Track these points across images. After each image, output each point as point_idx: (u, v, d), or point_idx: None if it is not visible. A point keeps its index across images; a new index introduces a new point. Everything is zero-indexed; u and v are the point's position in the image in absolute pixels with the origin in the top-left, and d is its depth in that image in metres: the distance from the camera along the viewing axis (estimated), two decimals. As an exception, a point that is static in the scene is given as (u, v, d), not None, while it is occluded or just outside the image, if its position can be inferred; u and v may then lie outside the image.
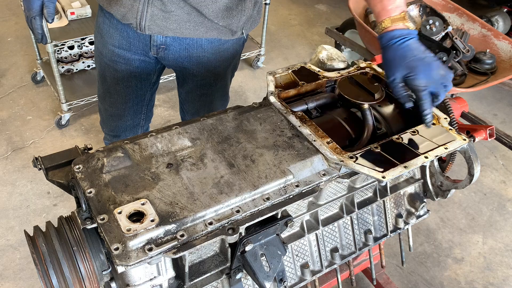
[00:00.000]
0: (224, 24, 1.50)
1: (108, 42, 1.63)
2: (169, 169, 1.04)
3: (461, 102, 1.54)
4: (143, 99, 1.82)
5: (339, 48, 3.22)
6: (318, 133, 1.15)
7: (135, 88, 1.75)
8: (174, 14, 1.45)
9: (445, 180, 1.36)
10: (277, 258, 1.07)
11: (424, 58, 1.18)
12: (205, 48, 1.59)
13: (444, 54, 2.45)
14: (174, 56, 1.61)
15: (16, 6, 4.16)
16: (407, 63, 1.18)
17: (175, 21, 1.46)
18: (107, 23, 1.60)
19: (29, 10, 1.41)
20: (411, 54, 1.18)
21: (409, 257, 2.41)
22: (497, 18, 3.33)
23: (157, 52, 1.59)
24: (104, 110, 1.87)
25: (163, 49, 1.58)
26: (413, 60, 1.17)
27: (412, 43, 1.20)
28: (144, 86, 1.77)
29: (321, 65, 1.40)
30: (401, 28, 1.21)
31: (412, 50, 1.19)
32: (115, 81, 1.72)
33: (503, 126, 3.37)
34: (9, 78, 3.39)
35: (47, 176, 1.05)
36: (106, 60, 1.67)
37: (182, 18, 1.46)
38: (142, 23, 1.47)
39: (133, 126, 1.88)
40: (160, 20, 1.46)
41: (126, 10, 1.46)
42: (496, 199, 2.81)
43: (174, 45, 1.57)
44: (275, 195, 1.03)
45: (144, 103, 1.84)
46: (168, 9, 1.43)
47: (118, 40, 1.60)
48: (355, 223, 1.35)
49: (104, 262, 0.97)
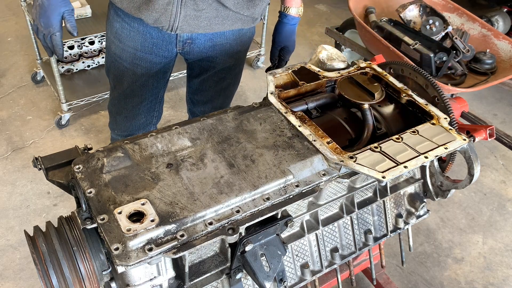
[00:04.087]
0: (248, 14, 1.57)
1: (129, 46, 1.62)
2: (169, 169, 1.04)
3: (461, 102, 1.54)
4: (157, 96, 1.84)
5: (339, 48, 3.22)
6: (318, 133, 1.15)
7: (152, 87, 1.77)
8: (205, 12, 1.49)
9: (445, 180, 1.36)
10: (277, 258, 1.07)
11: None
12: (227, 36, 1.66)
13: (444, 54, 2.45)
14: (199, 49, 1.65)
15: (16, 6, 4.16)
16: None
17: (205, 19, 1.51)
18: (127, 28, 1.59)
19: (48, 27, 1.34)
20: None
21: (409, 257, 2.41)
22: (497, 18, 3.33)
23: (182, 47, 1.63)
24: (117, 113, 1.87)
25: (189, 44, 1.62)
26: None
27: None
28: (159, 85, 1.79)
29: (321, 65, 1.40)
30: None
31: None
32: (133, 83, 1.72)
33: (503, 126, 3.36)
34: (9, 78, 3.39)
35: (47, 176, 1.05)
36: (126, 64, 1.67)
37: (211, 14, 1.50)
38: (175, 25, 1.50)
39: (146, 124, 1.90)
40: (192, 19, 1.49)
41: (159, 14, 1.47)
42: (496, 199, 2.81)
43: (200, 37, 1.61)
44: (275, 195, 1.03)
45: (157, 100, 1.86)
46: (200, 8, 1.47)
47: (140, 43, 1.61)
48: (355, 223, 1.35)
49: (104, 262, 0.97)
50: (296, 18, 1.74)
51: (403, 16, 2.76)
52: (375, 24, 2.69)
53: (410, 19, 2.78)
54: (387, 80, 1.35)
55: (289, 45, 1.78)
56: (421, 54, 2.41)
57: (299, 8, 1.73)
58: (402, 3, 2.81)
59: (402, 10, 2.77)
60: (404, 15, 2.76)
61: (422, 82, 1.33)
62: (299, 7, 1.72)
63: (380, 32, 2.61)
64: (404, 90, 1.31)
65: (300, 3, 1.73)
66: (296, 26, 1.78)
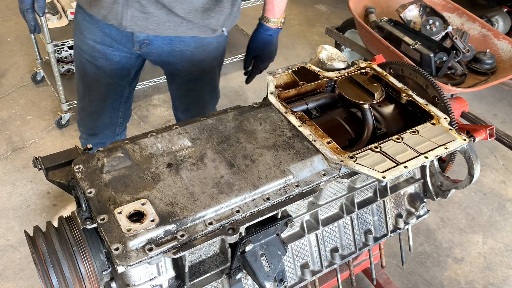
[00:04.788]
0: (203, 24, 1.53)
1: (88, 38, 1.63)
2: (169, 169, 1.04)
3: (461, 102, 1.53)
4: (122, 95, 1.82)
5: (339, 48, 3.22)
6: (318, 133, 1.15)
7: (115, 84, 1.76)
8: (153, 15, 1.47)
9: (445, 180, 1.36)
10: (277, 258, 1.07)
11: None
12: (187, 43, 1.61)
13: (444, 54, 2.45)
14: (158, 51, 1.63)
15: (16, 6, 4.12)
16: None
17: (155, 22, 1.49)
18: (87, 19, 1.60)
19: (22, 3, 1.51)
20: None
21: (409, 257, 2.41)
22: (497, 18, 3.33)
23: (140, 47, 1.61)
24: (83, 109, 1.87)
25: (146, 45, 1.59)
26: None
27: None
28: (123, 83, 1.78)
29: (321, 65, 1.40)
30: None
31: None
32: (95, 77, 1.72)
33: (503, 126, 3.36)
34: (9, 78, 3.39)
35: (47, 176, 1.05)
36: (86, 56, 1.67)
37: (161, 18, 1.48)
38: (123, 23, 1.49)
39: (111, 124, 1.89)
40: (140, 20, 1.48)
41: (107, 11, 1.48)
42: (496, 199, 2.81)
43: (157, 40, 1.58)
44: (275, 195, 1.03)
45: (122, 100, 1.84)
46: (147, 11, 1.45)
47: (100, 37, 1.60)
48: (355, 223, 1.35)
49: (104, 262, 0.97)
50: (273, 29, 1.70)
51: (403, 16, 2.76)
52: (375, 24, 2.69)
53: (410, 19, 2.78)
54: (387, 80, 1.35)
55: (263, 55, 1.76)
56: (421, 54, 2.41)
57: (279, 19, 1.69)
58: (402, 3, 2.81)
59: (402, 10, 2.77)
60: (404, 15, 2.76)
61: (422, 82, 1.33)
62: (279, 18, 1.68)
63: (380, 32, 2.61)
64: (404, 90, 1.31)
65: (281, 14, 1.69)
66: (275, 36, 1.74)
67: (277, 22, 1.69)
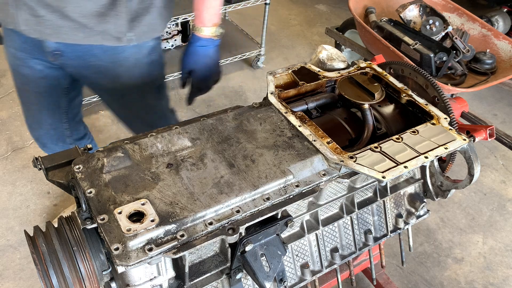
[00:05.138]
0: (101, 29, 1.42)
1: (9, 46, 1.56)
2: (169, 169, 1.04)
3: (461, 102, 1.53)
4: (59, 106, 1.73)
5: (339, 48, 3.23)
6: (318, 133, 1.15)
7: (47, 94, 1.67)
8: (45, 19, 1.38)
9: (445, 180, 1.36)
10: (277, 258, 1.07)
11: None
12: (99, 57, 1.51)
13: (444, 54, 2.46)
14: (72, 64, 1.53)
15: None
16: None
17: (49, 26, 1.39)
18: (5, 27, 1.52)
19: None
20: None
21: (409, 257, 2.41)
22: (497, 18, 3.33)
23: (54, 58, 1.51)
24: (25, 118, 1.80)
25: (59, 55, 1.50)
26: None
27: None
28: (55, 92, 1.69)
29: (321, 65, 1.40)
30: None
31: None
32: (23, 85, 1.65)
33: (503, 126, 3.36)
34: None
35: (47, 176, 1.05)
36: (12, 64, 1.61)
37: (56, 23, 1.39)
38: (20, 27, 1.41)
39: (58, 136, 1.81)
40: (34, 24, 1.39)
41: (4, 15, 1.41)
42: (496, 199, 2.81)
43: (68, 51, 1.48)
44: (275, 195, 1.03)
45: (61, 111, 1.75)
46: (38, 14, 1.37)
47: (18, 44, 1.53)
48: (355, 223, 1.35)
49: (104, 262, 0.97)
50: (205, 40, 1.50)
51: (403, 16, 2.76)
52: (375, 24, 2.69)
53: (410, 19, 2.78)
54: (387, 80, 1.35)
55: (197, 69, 1.56)
56: (421, 54, 2.41)
57: (213, 28, 1.49)
58: (402, 3, 2.82)
59: (402, 10, 2.77)
60: (404, 15, 2.77)
61: (422, 82, 1.33)
62: (212, 26, 1.49)
63: (380, 32, 2.62)
64: (404, 90, 1.31)
65: (215, 23, 1.50)
66: (209, 48, 1.53)
67: (211, 32, 1.50)
